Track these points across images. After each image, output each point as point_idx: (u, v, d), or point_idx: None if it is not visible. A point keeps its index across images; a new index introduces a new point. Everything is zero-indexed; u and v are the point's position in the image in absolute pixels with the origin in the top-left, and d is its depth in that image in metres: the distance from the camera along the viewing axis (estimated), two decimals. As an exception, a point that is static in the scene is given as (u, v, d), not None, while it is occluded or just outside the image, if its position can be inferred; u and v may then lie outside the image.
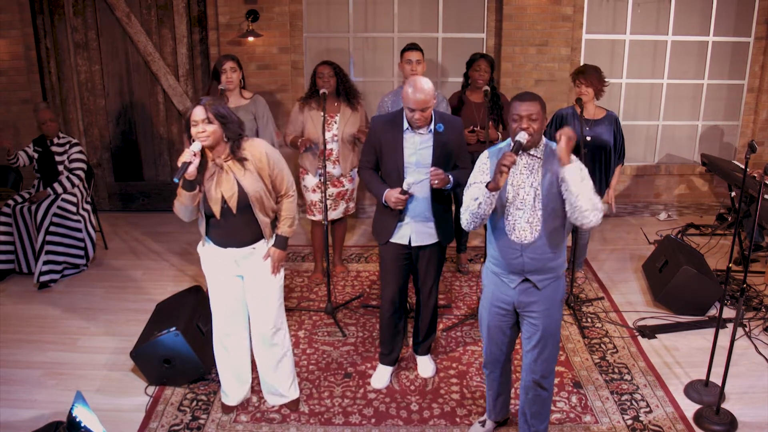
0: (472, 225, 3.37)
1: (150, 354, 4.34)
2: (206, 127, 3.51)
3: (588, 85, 5.17)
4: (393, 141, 4.04)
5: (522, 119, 3.25)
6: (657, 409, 4.18)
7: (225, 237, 3.75)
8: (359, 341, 5.00)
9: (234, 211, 3.66)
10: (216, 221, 3.70)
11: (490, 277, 3.59)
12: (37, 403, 4.25)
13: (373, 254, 6.57)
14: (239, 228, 3.73)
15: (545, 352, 3.53)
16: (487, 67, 5.55)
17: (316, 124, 5.38)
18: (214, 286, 3.92)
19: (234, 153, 3.64)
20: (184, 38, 7.26)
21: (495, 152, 3.45)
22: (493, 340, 3.68)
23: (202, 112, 3.52)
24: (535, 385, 3.60)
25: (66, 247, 6.00)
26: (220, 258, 3.81)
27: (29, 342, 4.98)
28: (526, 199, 3.34)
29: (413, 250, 4.23)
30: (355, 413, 4.17)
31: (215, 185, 3.62)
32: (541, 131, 3.32)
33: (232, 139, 3.62)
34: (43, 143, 6.10)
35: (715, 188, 7.75)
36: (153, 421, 4.07)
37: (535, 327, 3.49)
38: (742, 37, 7.35)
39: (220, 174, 3.63)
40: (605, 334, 5.07)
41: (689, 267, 5.25)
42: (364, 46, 7.40)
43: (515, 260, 3.40)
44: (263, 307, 3.93)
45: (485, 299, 3.65)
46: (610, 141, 5.29)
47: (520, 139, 3.23)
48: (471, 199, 3.33)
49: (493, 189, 3.21)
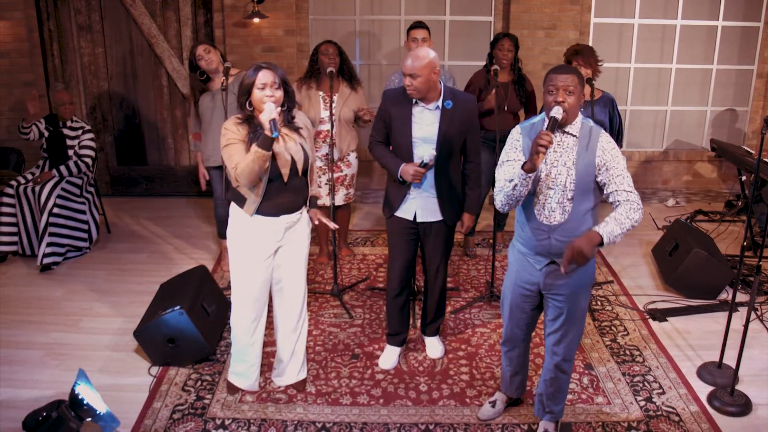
0: (507, 207, 3.22)
1: (154, 333, 4.27)
2: (275, 93, 3.47)
3: (586, 65, 5.07)
4: (402, 114, 3.98)
5: (558, 91, 3.08)
6: (670, 390, 4.11)
7: (282, 203, 3.67)
8: (366, 323, 4.93)
9: (300, 174, 3.65)
10: (277, 187, 3.61)
11: (516, 256, 3.46)
12: (38, 383, 4.19)
13: (379, 238, 6.50)
14: (297, 192, 3.71)
15: (569, 335, 3.43)
16: (511, 47, 5.50)
17: (313, 104, 5.32)
18: (248, 266, 3.77)
19: (289, 122, 3.64)
20: (188, 20, 7.18)
21: (527, 128, 3.28)
22: (515, 319, 3.59)
23: (271, 75, 3.47)
24: (555, 368, 3.51)
25: (69, 229, 5.94)
26: (267, 230, 3.70)
27: (31, 323, 4.92)
28: (558, 178, 3.18)
29: (420, 226, 4.16)
30: (362, 393, 4.11)
31: (284, 148, 3.58)
32: (578, 106, 3.13)
33: (289, 108, 3.62)
34: (54, 122, 6.03)
35: (723, 174, 7.67)
36: (156, 401, 4.01)
37: (560, 310, 3.38)
38: (752, 21, 7.26)
39: (285, 139, 3.60)
40: (616, 317, 5.01)
41: (700, 250, 5.18)
42: (370, 29, 7.32)
43: (543, 241, 3.27)
44: (295, 277, 3.91)
45: (509, 278, 3.53)
46: (605, 122, 5.18)
47: (556, 114, 3.05)
48: (505, 180, 3.16)
49: (529, 170, 3.04)
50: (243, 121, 3.57)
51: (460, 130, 4.01)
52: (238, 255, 3.77)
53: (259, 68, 3.49)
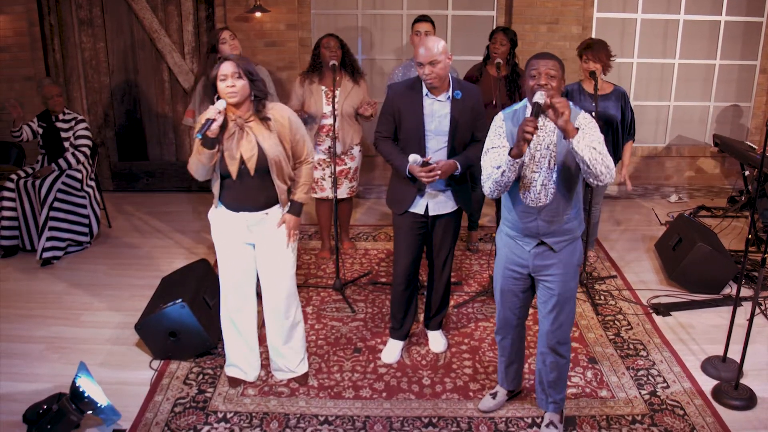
0: (496, 193, 3.27)
1: (155, 326, 4.24)
2: (236, 82, 3.45)
3: (596, 60, 5.05)
4: (412, 106, 3.93)
5: (540, 75, 3.12)
6: (674, 384, 4.09)
7: (239, 200, 3.65)
8: (368, 317, 4.90)
9: (251, 173, 3.58)
10: (231, 182, 3.60)
11: (505, 240, 3.51)
12: (38, 377, 4.16)
13: (381, 233, 6.48)
14: (254, 191, 3.64)
15: (561, 316, 3.45)
16: (504, 40, 5.44)
17: (316, 98, 5.29)
18: (224, 255, 3.82)
19: (258, 112, 3.58)
20: (190, 15, 7.15)
21: (510, 114, 3.34)
22: (506, 303, 3.60)
23: (232, 66, 3.45)
24: (551, 351, 3.52)
25: (70, 223, 5.91)
26: (232, 223, 3.72)
27: (31, 317, 4.89)
28: (541, 161, 3.24)
29: (430, 219, 4.13)
30: (365, 387, 4.08)
31: (235, 145, 3.53)
32: (560, 91, 3.18)
33: (258, 98, 3.56)
34: (47, 118, 6.00)
35: (726, 170, 7.64)
36: (158, 394, 3.99)
37: (551, 291, 3.41)
38: (755, 17, 7.23)
39: (241, 134, 3.55)
40: (619, 311, 4.98)
41: (704, 244, 5.15)
42: (372, 24, 7.29)
43: (530, 223, 3.33)
44: (276, 277, 3.84)
45: (499, 262, 3.56)
46: (617, 116, 5.16)
47: (538, 100, 3.07)
48: (493, 167, 3.22)
49: (516, 156, 3.09)
50: None
51: (470, 120, 3.99)
52: (216, 242, 3.86)
53: (222, 61, 3.50)
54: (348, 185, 5.60)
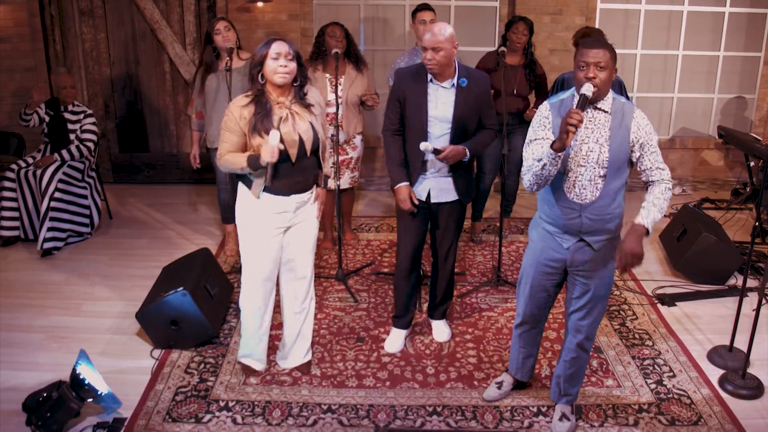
0: (536, 186, 3.13)
1: (156, 315, 4.20)
2: (289, 64, 3.41)
3: None
4: (417, 92, 3.89)
5: (588, 67, 2.98)
6: (680, 373, 4.06)
7: (293, 183, 3.58)
8: (371, 307, 4.87)
9: (308, 154, 3.56)
10: (286, 167, 3.52)
11: (541, 234, 3.36)
12: (38, 366, 4.12)
13: (383, 224, 6.44)
14: (307, 172, 3.62)
15: (593, 313, 3.38)
16: (526, 30, 5.44)
17: (320, 86, 5.25)
18: (259, 246, 3.70)
19: (302, 99, 3.55)
20: (191, 5, 7.09)
21: (556, 105, 3.19)
22: (534, 297, 3.49)
23: (286, 46, 3.41)
24: (577, 347, 3.45)
25: (71, 214, 5.87)
26: (279, 208, 3.62)
27: (31, 307, 4.85)
28: (589, 155, 3.09)
29: (432, 206, 4.09)
30: (368, 376, 4.05)
31: (292, 128, 3.48)
32: (609, 82, 3.04)
33: (301, 84, 3.54)
34: (55, 107, 5.96)
35: (730, 162, 7.60)
36: (159, 383, 3.95)
37: (586, 286, 3.31)
38: (759, 8, 7.20)
39: (294, 117, 3.50)
40: (624, 301, 4.95)
41: (709, 234, 5.11)
42: (374, 14, 7.25)
43: (573, 220, 3.19)
44: (304, 256, 3.84)
45: (532, 255, 3.43)
46: None
47: (586, 92, 2.95)
48: (534, 159, 3.08)
49: (558, 149, 2.93)
50: (250, 101, 3.48)
51: (475, 108, 3.94)
52: (248, 234, 3.70)
53: (272, 40, 3.44)
54: (350, 175, 5.56)
